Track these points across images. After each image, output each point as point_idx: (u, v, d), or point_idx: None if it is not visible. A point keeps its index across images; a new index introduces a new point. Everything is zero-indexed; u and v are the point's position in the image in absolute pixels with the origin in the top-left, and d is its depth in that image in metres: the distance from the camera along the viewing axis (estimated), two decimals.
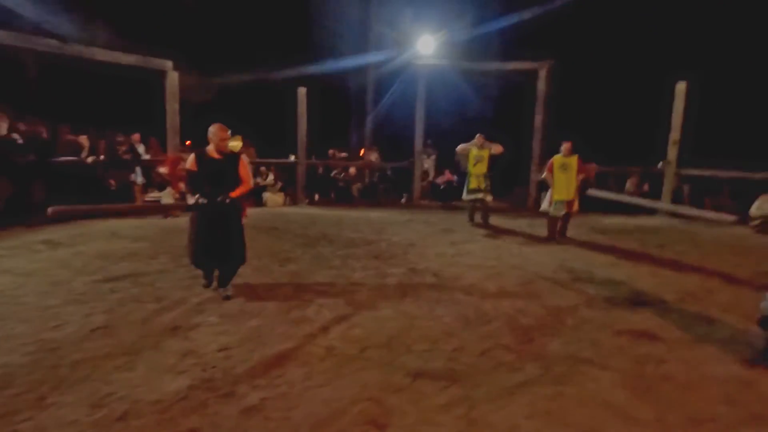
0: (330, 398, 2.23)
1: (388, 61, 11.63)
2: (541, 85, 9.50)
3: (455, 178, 11.39)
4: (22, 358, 2.54)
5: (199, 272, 3.76)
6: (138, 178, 7.78)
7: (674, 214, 8.03)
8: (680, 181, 8.65)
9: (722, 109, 8.52)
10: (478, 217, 7.41)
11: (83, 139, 6.96)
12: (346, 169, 11.33)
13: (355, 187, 11.03)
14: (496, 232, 6.86)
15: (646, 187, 9.09)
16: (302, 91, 9.52)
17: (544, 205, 6.34)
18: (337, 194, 10.87)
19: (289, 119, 9.65)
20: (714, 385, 2.43)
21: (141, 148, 7.89)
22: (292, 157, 9.93)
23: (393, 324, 3.19)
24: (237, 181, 3.54)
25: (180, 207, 3.56)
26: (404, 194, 11.06)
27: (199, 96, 8.66)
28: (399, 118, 11.55)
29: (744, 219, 7.09)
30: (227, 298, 3.55)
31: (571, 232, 6.42)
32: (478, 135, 7.11)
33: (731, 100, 8.60)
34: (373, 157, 12.43)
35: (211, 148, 3.47)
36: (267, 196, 9.66)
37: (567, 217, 6.15)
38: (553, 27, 9.46)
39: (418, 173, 10.33)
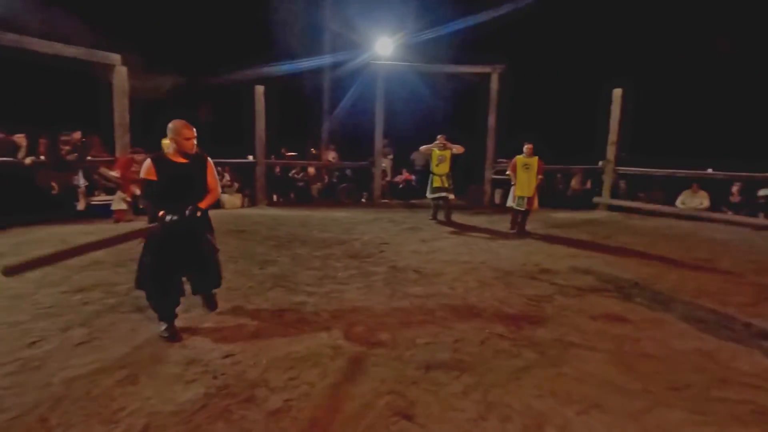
0: (353, 394, 2.28)
1: (345, 61, 11.64)
2: (494, 88, 9.99)
3: (413, 177, 11.69)
4: (4, 380, 2.33)
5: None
6: (80, 180, 7.21)
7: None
8: (618, 177, 9.53)
9: (654, 112, 9.50)
10: (441, 215, 7.66)
11: (20, 138, 6.31)
12: (304, 169, 11.21)
13: (315, 187, 10.95)
14: (461, 229, 7.14)
15: (588, 184, 9.92)
16: (259, 89, 9.29)
17: (509, 201, 6.72)
18: (296, 194, 10.73)
19: (246, 119, 9.37)
20: (682, 358, 2.78)
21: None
22: (250, 158, 9.66)
23: (391, 320, 3.28)
24: (205, 189, 2.94)
25: (151, 228, 2.64)
26: (364, 193, 11.15)
27: (150, 93, 8.15)
28: (357, 118, 11.62)
29: None
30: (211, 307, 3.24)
31: (528, 227, 6.87)
32: (439, 136, 7.35)
33: (663, 104, 9.61)
34: (331, 156, 12.38)
35: (171, 151, 2.85)
36: (225, 197, 9.32)
37: (526, 213, 6.58)
38: (505, 32, 9.99)
39: (378, 172, 10.45)
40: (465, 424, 2.06)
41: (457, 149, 7.30)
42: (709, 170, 8.43)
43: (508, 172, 6.72)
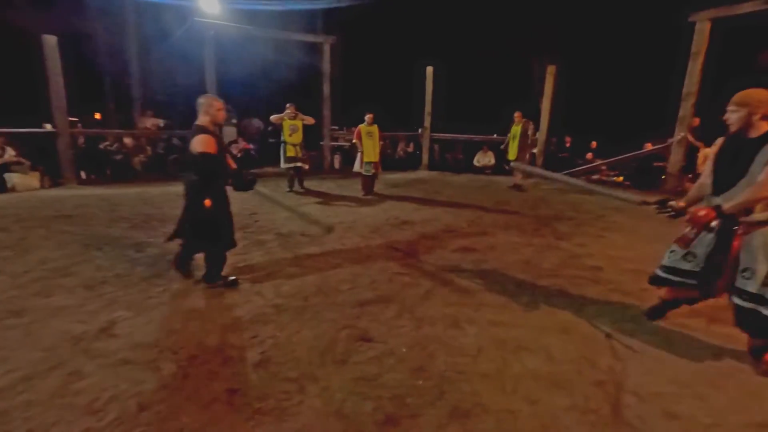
0: (316, 335, 2.70)
1: (157, 11, 10.17)
2: (326, 58, 10.48)
3: (252, 146, 11.41)
4: None
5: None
6: None
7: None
8: (432, 142, 11.48)
9: (460, 87, 11.67)
10: (296, 185, 7.87)
11: None
12: (119, 139, 9.66)
13: (137, 160, 9.62)
14: (317, 195, 7.64)
15: (411, 148, 11.62)
16: (51, 40, 7.49)
17: (356, 167, 7.51)
18: (114, 170, 9.24)
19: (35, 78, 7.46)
20: (514, 265, 4.10)
21: None
22: (48, 126, 7.81)
23: (309, 277, 3.68)
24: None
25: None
26: None
27: None
28: (181, 80, 10.47)
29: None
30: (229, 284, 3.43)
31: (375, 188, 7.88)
32: (289, 105, 7.45)
33: (466, 81, 11.85)
34: (150, 123, 10.96)
35: (207, 122, 3.09)
36: (14, 178, 7.44)
37: (374, 176, 7.53)
38: (340, 7, 10.47)
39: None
40: (410, 333, 2.76)
41: (308, 120, 7.60)
42: (494, 135, 11.02)
43: (354, 140, 7.47)
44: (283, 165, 7.66)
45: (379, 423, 1.95)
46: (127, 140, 9.63)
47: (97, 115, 13.19)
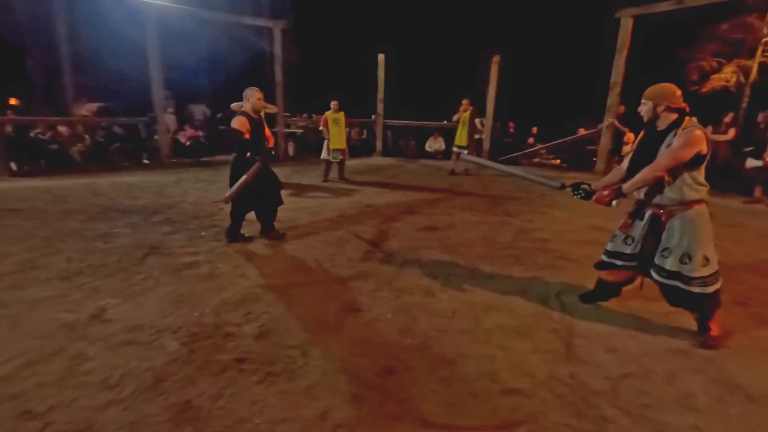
0: (306, 309, 2.92)
1: None
2: (277, 43, 10.34)
3: (201, 133, 11.06)
4: None
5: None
6: None
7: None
8: (386, 128, 11.76)
9: (411, 74, 11.98)
10: None
11: None
12: (53, 127, 9.00)
13: (75, 150, 9.04)
14: (286, 183, 7.66)
15: (365, 134, 11.83)
16: None
17: (324, 154, 7.63)
18: (49, 160, 8.63)
19: None
20: (475, 237, 4.53)
21: None
22: None
23: (288, 259, 3.86)
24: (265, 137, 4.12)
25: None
26: (143, 153, 9.92)
27: None
28: (121, 65, 9.86)
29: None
30: (280, 237, 4.37)
31: (332, 175, 8.03)
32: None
33: (417, 68, 12.17)
34: (85, 110, 10.29)
35: (248, 108, 3.94)
36: None
37: (342, 162, 7.69)
38: None
39: (163, 129, 9.45)
40: (392, 302, 3.06)
41: (271, 108, 7.55)
42: (445, 122, 11.50)
43: (320, 128, 7.57)
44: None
45: (379, 374, 2.24)
46: (62, 128, 8.99)
47: (13, 101, 12.02)
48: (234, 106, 7.42)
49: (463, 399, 2.07)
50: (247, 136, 3.84)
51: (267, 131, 4.17)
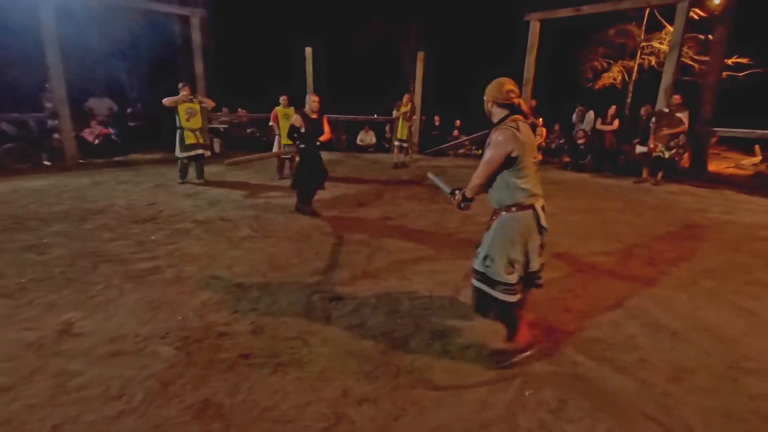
0: (290, 303, 2.98)
1: None
2: (195, 33, 9.72)
3: (112, 130, 10.05)
4: None
5: None
6: None
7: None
8: None
9: (339, 68, 11.99)
10: (192, 175, 7.09)
11: None
12: None
13: None
14: (212, 180, 7.32)
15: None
16: None
17: (275, 149, 7.41)
18: None
19: None
20: (430, 228, 4.85)
21: None
22: None
23: (255, 257, 3.82)
24: (322, 132, 5.16)
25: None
26: (43, 155, 8.76)
27: None
28: (9, 56, 8.54)
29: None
30: (315, 214, 5.18)
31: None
32: (182, 85, 6.77)
33: (343, 61, 12.20)
34: None
35: (307, 109, 5.07)
36: None
37: (293, 158, 7.50)
38: None
39: (66, 126, 8.41)
40: (372, 288, 3.23)
41: (208, 102, 7.13)
42: (375, 116, 11.78)
43: (271, 123, 7.34)
44: (180, 153, 6.82)
45: (382, 351, 2.42)
46: None
47: None
48: (166, 101, 6.76)
49: (461, 364, 2.34)
50: (302, 130, 4.98)
51: (325, 127, 5.17)
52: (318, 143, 5.14)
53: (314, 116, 5.08)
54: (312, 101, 5.06)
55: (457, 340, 2.57)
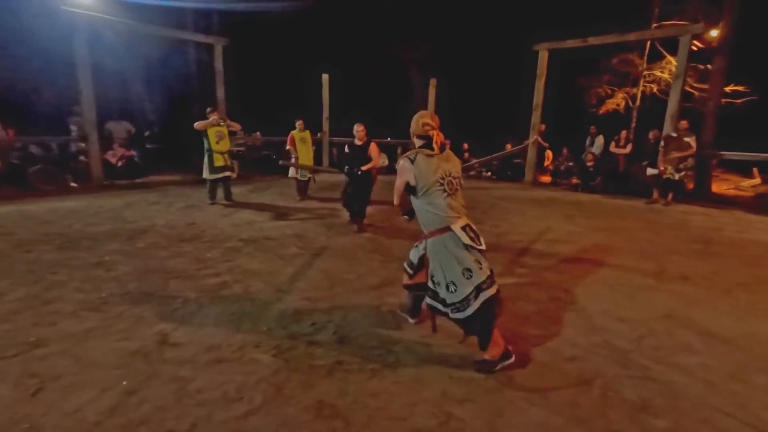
0: (364, 315, 3.16)
1: None
2: (218, 60, 10.11)
3: (135, 153, 10.28)
4: None
5: None
6: None
7: None
8: (331, 146, 12.02)
9: (354, 93, 12.42)
10: (220, 196, 7.27)
11: None
12: None
13: None
14: (238, 201, 7.53)
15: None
16: None
17: (291, 172, 7.66)
18: None
19: None
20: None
21: None
22: None
23: (313, 273, 4.00)
24: (368, 159, 5.55)
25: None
26: (68, 176, 8.92)
27: None
28: (42, 79, 8.81)
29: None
30: (363, 229, 5.59)
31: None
32: (211, 110, 7.09)
33: (358, 87, 12.64)
34: None
35: (355, 138, 5.66)
36: None
37: (309, 180, 7.76)
38: (228, 11, 10.16)
39: (95, 149, 8.63)
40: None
41: (235, 126, 7.39)
42: (389, 138, 12.12)
43: (288, 147, 7.60)
44: (209, 175, 7.04)
45: (463, 357, 2.61)
46: None
47: None
48: (197, 125, 7.03)
49: (540, 369, 2.53)
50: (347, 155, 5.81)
51: (371, 154, 5.53)
52: (359, 171, 5.50)
53: (358, 143, 5.57)
54: (356, 130, 5.60)
55: (528, 347, 2.76)
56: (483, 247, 2.40)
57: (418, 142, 2.46)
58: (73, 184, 8.70)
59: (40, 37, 8.54)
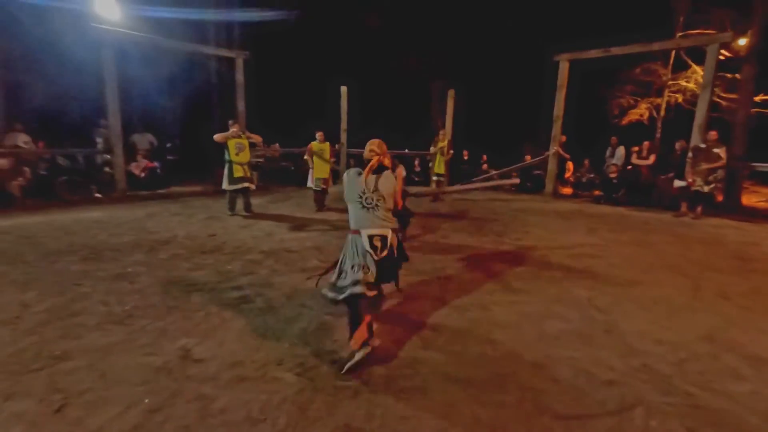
0: (389, 331, 3.08)
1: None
2: (239, 73, 10.28)
3: (158, 164, 10.47)
4: None
5: None
6: None
7: None
8: (349, 157, 12.06)
9: (372, 105, 12.49)
10: (239, 206, 7.33)
11: None
12: None
13: (16, 185, 8.10)
14: (257, 212, 7.55)
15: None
16: None
17: (309, 182, 7.68)
18: None
19: None
20: (494, 259, 4.95)
21: None
22: None
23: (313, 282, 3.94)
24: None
25: None
26: (93, 187, 9.13)
27: None
28: (70, 92, 9.09)
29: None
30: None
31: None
32: (232, 122, 7.22)
33: (376, 99, 12.72)
34: (21, 140, 9.33)
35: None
36: None
37: (324, 191, 7.77)
38: (251, 24, 10.37)
39: (120, 160, 8.82)
40: (462, 317, 3.33)
41: (255, 138, 7.46)
42: (406, 150, 12.09)
43: (305, 157, 7.64)
44: (228, 186, 7.08)
45: (489, 379, 2.49)
46: (1, 161, 8.02)
47: None
48: (217, 137, 7.15)
49: (576, 393, 2.40)
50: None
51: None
52: None
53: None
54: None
55: (560, 371, 2.63)
56: (383, 254, 2.71)
57: (365, 162, 2.85)
58: (97, 195, 8.89)
59: (70, 52, 8.82)
